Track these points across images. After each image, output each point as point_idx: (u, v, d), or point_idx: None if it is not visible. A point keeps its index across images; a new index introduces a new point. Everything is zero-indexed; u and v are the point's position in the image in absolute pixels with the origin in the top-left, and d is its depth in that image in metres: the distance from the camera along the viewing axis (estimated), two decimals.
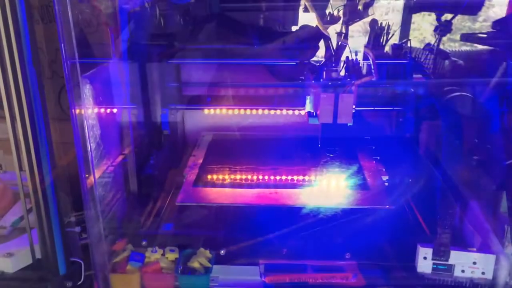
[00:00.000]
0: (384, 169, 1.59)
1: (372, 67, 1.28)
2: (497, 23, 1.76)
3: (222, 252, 1.25)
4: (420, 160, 1.70)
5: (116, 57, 1.39)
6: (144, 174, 1.48)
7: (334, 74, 1.28)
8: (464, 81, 1.75)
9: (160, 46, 1.54)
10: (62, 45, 0.97)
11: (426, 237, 1.30)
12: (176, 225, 1.35)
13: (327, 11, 1.72)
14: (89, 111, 1.14)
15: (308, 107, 1.37)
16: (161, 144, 1.61)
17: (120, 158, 1.43)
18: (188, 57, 1.66)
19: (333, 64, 1.30)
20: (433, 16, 1.75)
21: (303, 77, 1.52)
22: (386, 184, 1.51)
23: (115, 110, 1.44)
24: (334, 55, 1.32)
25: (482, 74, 1.77)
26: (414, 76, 1.63)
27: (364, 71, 1.48)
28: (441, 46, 1.72)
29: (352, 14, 1.66)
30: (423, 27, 4.70)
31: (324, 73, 1.30)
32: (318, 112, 1.29)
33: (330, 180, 1.50)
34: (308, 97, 1.35)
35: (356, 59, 1.39)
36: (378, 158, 1.68)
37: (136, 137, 1.51)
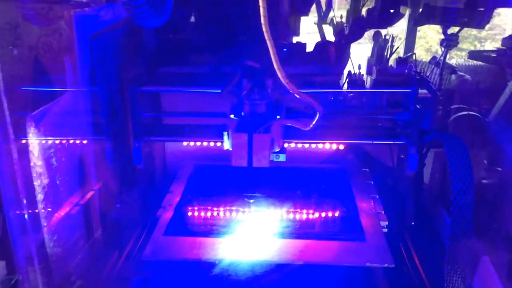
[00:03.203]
0: (383, 211, 1.41)
1: (316, 117, 1.07)
2: (507, 40, 1.62)
3: None
4: (425, 200, 1.52)
5: (77, 85, 1.22)
6: (110, 219, 1.31)
7: (258, 109, 1.08)
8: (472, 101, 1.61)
9: (130, 72, 1.36)
10: None
11: None
12: (142, 283, 1.17)
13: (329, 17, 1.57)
14: (33, 148, 0.98)
15: (227, 144, 1.15)
16: (132, 181, 1.43)
17: (81, 199, 1.26)
18: (166, 84, 1.47)
19: (257, 97, 1.09)
20: None
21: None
22: (385, 230, 1.33)
23: (77, 142, 1.26)
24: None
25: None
26: (420, 91, 1.46)
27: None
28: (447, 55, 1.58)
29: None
30: (429, 35, 4.52)
31: (246, 106, 1.10)
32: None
33: (321, 227, 1.32)
34: (226, 133, 1.13)
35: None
36: (377, 196, 1.50)
37: (102, 175, 1.34)
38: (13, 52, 1.17)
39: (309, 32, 1.70)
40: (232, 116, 1.10)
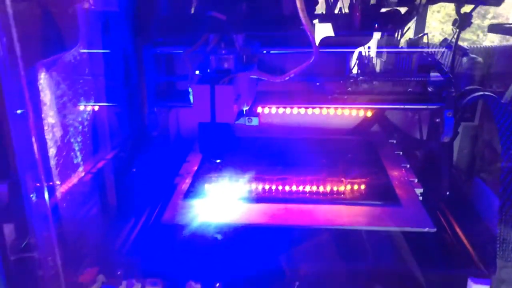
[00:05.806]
0: (416, 180, 1.32)
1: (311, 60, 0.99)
2: None
3: (217, 285, 0.99)
4: (461, 170, 1.42)
5: (88, 46, 1.14)
6: (125, 184, 1.22)
7: (226, 64, 1.00)
8: None
9: (145, 33, 1.28)
10: None
11: (477, 270, 1.02)
12: (160, 250, 1.08)
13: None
14: (45, 107, 0.90)
15: (191, 99, 1.04)
16: (147, 148, 1.34)
17: (95, 165, 1.18)
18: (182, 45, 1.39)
19: (223, 52, 1.02)
20: (442, 13, 1.51)
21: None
22: (421, 198, 1.24)
23: (88, 108, 1.18)
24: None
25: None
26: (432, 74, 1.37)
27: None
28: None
29: None
30: (432, 24, 4.42)
31: (212, 62, 1.02)
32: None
33: (351, 193, 1.23)
34: (190, 86, 1.02)
35: None
36: (408, 166, 1.40)
37: (116, 140, 1.26)
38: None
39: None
40: (197, 72, 1.01)
